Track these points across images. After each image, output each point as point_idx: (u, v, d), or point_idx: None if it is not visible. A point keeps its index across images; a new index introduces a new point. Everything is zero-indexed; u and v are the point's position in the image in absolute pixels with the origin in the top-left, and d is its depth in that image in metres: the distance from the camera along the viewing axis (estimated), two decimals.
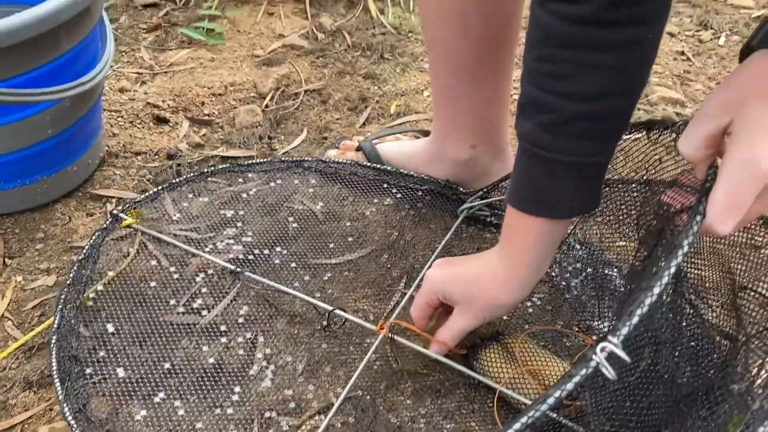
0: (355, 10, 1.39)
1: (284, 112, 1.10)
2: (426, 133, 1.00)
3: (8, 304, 0.78)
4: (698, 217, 0.45)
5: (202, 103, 1.11)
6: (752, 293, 0.58)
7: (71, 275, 0.75)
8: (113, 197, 0.92)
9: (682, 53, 1.27)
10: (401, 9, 1.39)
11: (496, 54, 0.79)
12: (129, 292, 0.76)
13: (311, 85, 1.17)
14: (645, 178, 0.69)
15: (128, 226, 0.81)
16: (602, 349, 0.39)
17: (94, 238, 0.79)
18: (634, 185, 0.70)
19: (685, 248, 0.45)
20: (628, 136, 0.67)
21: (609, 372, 0.38)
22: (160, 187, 0.87)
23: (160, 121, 1.06)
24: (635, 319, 0.40)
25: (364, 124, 1.09)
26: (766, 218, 0.59)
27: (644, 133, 0.64)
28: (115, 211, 0.82)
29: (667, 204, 0.54)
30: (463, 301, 0.64)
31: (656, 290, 0.41)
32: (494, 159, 0.88)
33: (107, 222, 0.82)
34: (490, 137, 0.86)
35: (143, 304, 0.75)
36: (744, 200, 0.44)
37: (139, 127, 1.05)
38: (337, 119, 1.10)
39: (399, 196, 0.89)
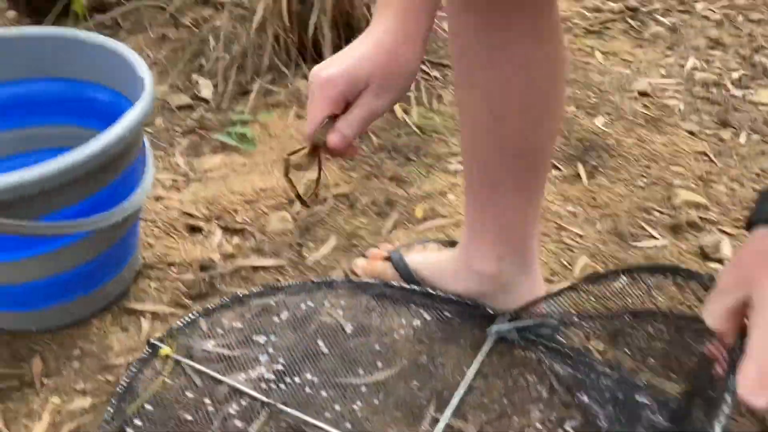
0: None
1: (314, 218, 1.13)
2: (453, 243, 1.02)
3: (46, 428, 0.80)
4: (728, 396, 0.46)
5: (235, 211, 1.14)
6: None
7: (112, 410, 0.77)
8: (147, 311, 0.95)
9: (704, 153, 1.28)
10: (425, 108, 1.43)
11: (532, 169, 0.81)
12: (165, 423, 0.77)
13: (339, 189, 1.20)
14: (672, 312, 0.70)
15: (166, 356, 0.83)
16: None
17: (132, 370, 0.81)
18: (659, 319, 0.71)
19: (723, 421, 0.46)
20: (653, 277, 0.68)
21: None
22: (195, 313, 0.89)
23: (194, 230, 1.09)
24: None
25: (391, 229, 1.12)
26: None
27: (670, 277, 0.65)
28: (152, 341, 0.84)
29: (707, 357, 0.55)
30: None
31: None
32: (521, 273, 0.88)
33: (145, 352, 0.84)
34: (519, 250, 0.87)
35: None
36: None
37: (174, 237, 1.08)
38: (365, 224, 1.13)
39: (427, 317, 0.91)
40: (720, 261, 1.04)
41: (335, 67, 0.69)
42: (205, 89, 1.50)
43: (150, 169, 0.90)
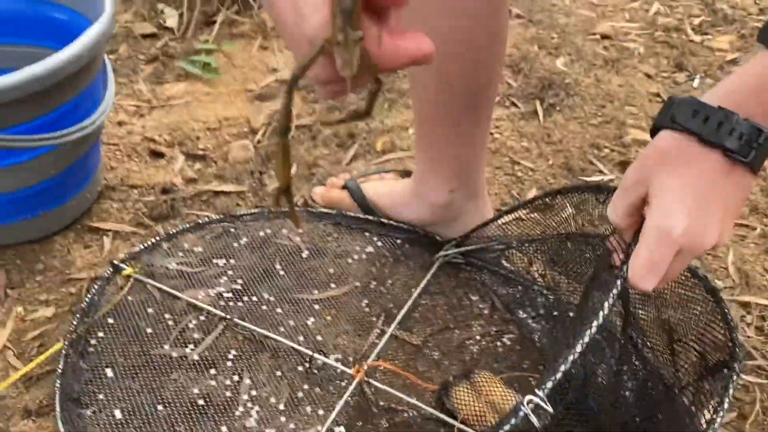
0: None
1: (275, 147, 1.15)
2: (408, 173, 1.06)
3: (9, 335, 0.83)
4: (620, 281, 0.51)
5: (197, 138, 1.16)
6: (685, 344, 0.64)
7: (75, 324, 0.80)
8: (110, 230, 0.98)
9: (657, 95, 1.33)
10: None
11: (476, 104, 0.84)
12: (126, 333, 0.82)
13: (301, 121, 1.22)
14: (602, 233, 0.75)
15: (128, 276, 0.86)
16: (529, 402, 0.45)
17: (95, 288, 0.84)
18: (590, 239, 0.76)
19: (606, 310, 0.51)
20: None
21: (535, 421, 0.45)
22: (157, 238, 0.92)
23: (156, 155, 1.11)
24: (559, 375, 0.46)
25: (351, 160, 1.15)
26: (696, 273, 0.65)
27: (593, 195, 0.70)
28: (115, 262, 0.87)
29: (607, 249, 0.60)
30: None
31: (578, 348, 0.47)
32: (470, 202, 0.93)
33: (107, 272, 0.87)
34: (468, 181, 0.91)
35: (137, 342, 0.81)
36: (661, 261, 0.50)
37: (135, 161, 1.10)
38: (326, 155, 1.16)
39: (380, 244, 0.95)
40: None
41: None
42: (170, 18, 1.49)
43: (111, 89, 0.91)
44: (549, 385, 0.46)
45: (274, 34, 1.45)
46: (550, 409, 0.45)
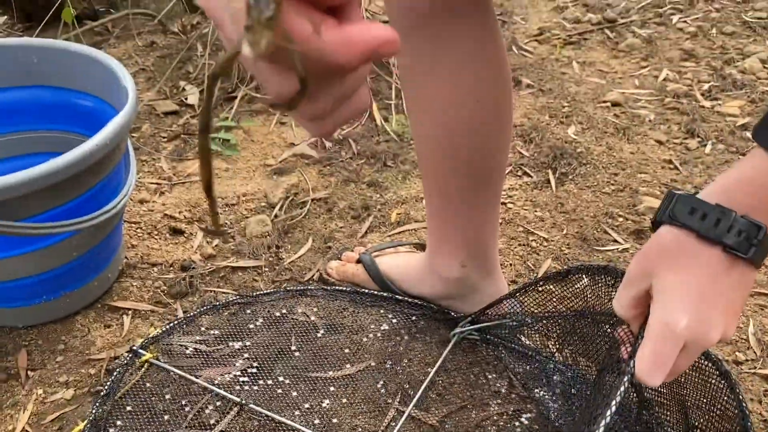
0: (361, 117, 1.48)
1: (292, 222, 1.18)
2: (423, 246, 1.07)
3: (29, 417, 0.84)
4: (626, 378, 0.51)
5: (216, 214, 1.18)
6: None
7: (93, 410, 0.81)
8: (129, 309, 0.99)
9: (670, 162, 1.34)
10: (404, 116, 1.48)
11: (486, 182, 0.85)
12: (143, 419, 0.82)
13: (318, 194, 1.25)
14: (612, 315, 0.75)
15: (146, 361, 0.88)
16: None
17: (115, 374, 0.85)
18: (605, 318, 0.76)
19: (613, 408, 0.51)
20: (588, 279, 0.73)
21: None
22: (175, 322, 0.94)
23: (176, 232, 1.14)
24: None
25: (366, 233, 1.16)
26: (709, 356, 0.65)
27: (603, 277, 0.71)
28: (134, 347, 0.89)
29: (615, 340, 0.60)
30: None
31: None
32: (484, 278, 0.93)
33: (126, 358, 0.88)
34: (480, 256, 0.91)
35: (154, 425, 0.81)
36: (667, 357, 0.51)
37: (156, 239, 1.13)
38: (341, 228, 1.18)
39: (395, 321, 0.96)
40: None
41: None
42: (191, 96, 1.55)
43: (133, 172, 0.94)
44: None
45: None
46: None
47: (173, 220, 1.16)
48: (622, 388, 0.50)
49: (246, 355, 0.91)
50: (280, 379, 0.88)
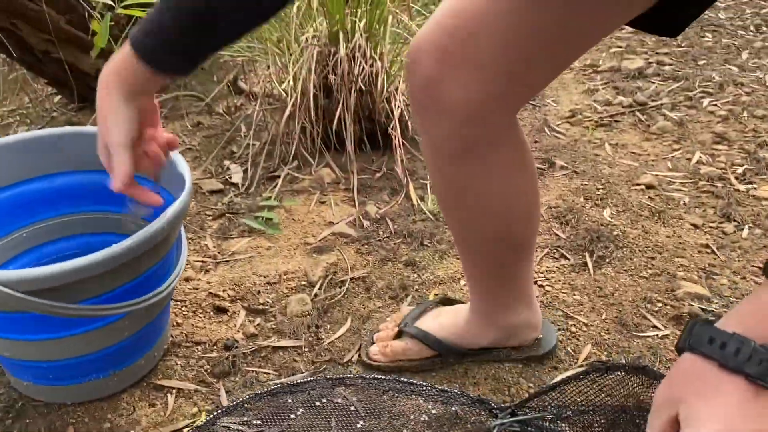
0: (398, 197, 1.52)
1: (331, 301, 1.20)
2: (445, 301, 1.14)
3: None
4: None
5: (258, 292, 1.22)
6: None
7: None
8: (173, 388, 1.01)
9: (707, 246, 1.34)
10: None
11: (530, 246, 0.93)
12: None
13: (356, 273, 1.27)
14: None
15: None
16: None
17: None
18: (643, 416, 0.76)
19: None
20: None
21: None
22: (218, 411, 0.94)
23: (220, 310, 1.17)
24: None
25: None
26: None
27: (640, 377, 0.71)
28: None
29: None
30: None
31: None
32: (529, 313, 1.02)
33: None
34: (527, 298, 1.01)
35: None
36: None
37: (200, 317, 1.16)
38: (379, 308, 1.19)
39: (434, 411, 0.96)
40: None
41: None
42: (236, 175, 1.61)
43: (184, 254, 0.98)
44: None
45: (331, 189, 1.55)
46: None
47: (217, 298, 1.19)
48: None
49: None
50: None
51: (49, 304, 0.80)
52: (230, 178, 1.60)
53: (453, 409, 0.96)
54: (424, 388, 0.98)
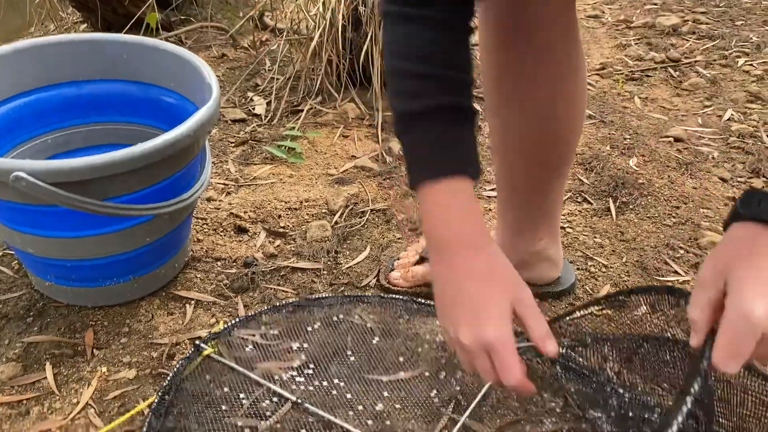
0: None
1: (351, 230, 1.20)
2: None
3: (92, 393, 0.87)
4: (704, 363, 0.51)
5: (279, 216, 1.22)
6: None
7: (156, 401, 0.83)
8: (192, 299, 1.02)
9: (734, 199, 1.32)
10: None
11: (556, 172, 0.92)
12: (201, 409, 0.83)
13: (377, 205, 1.27)
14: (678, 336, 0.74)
15: (208, 356, 0.89)
16: None
17: (177, 366, 0.87)
18: (667, 344, 0.75)
19: (696, 389, 0.51)
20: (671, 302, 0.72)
21: None
22: (237, 319, 0.95)
23: (241, 230, 1.17)
24: None
25: (424, 246, 1.17)
26: None
27: (666, 297, 0.70)
28: (197, 342, 0.91)
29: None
30: None
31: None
32: (553, 245, 1.01)
33: (190, 351, 0.90)
34: (553, 227, 1.00)
35: (212, 410, 0.82)
36: (744, 346, 0.50)
37: (221, 235, 1.16)
38: (399, 239, 1.19)
39: None
40: None
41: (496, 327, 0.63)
42: (259, 106, 1.60)
43: (208, 168, 0.98)
44: None
45: (355, 124, 1.53)
46: None
47: (238, 219, 1.20)
48: (699, 379, 0.50)
49: (303, 356, 0.92)
50: (335, 381, 0.89)
51: (77, 199, 0.80)
52: (253, 109, 1.59)
53: None
54: None
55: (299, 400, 0.84)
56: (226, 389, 0.87)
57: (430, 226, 0.65)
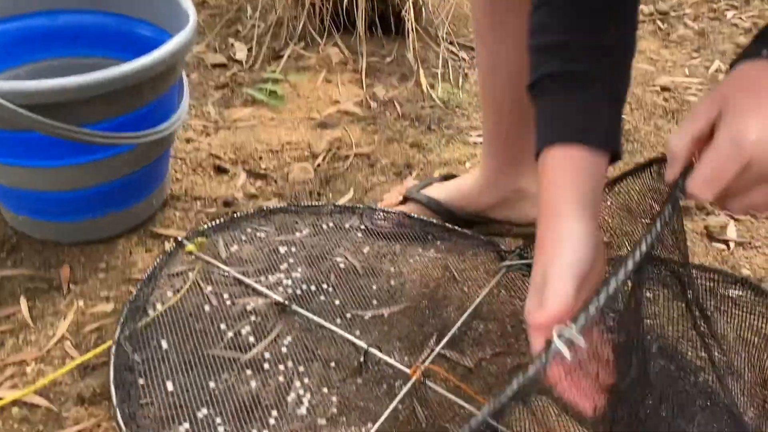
0: (408, 82, 1.48)
1: (334, 172, 1.18)
2: (447, 177, 1.10)
3: (69, 326, 0.85)
4: (678, 192, 0.47)
5: (260, 158, 1.19)
6: None
7: (134, 293, 0.82)
8: (171, 236, 1.00)
9: None
10: (450, 85, 1.48)
11: None
12: (183, 315, 0.82)
13: (361, 149, 1.25)
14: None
15: (190, 252, 0.88)
16: (560, 336, 0.43)
17: (157, 260, 0.86)
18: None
19: (667, 216, 0.47)
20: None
21: (566, 353, 0.42)
22: (222, 220, 0.94)
23: (220, 171, 1.14)
24: (592, 310, 0.43)
25: None
26: None
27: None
28: (179, 238, 0.89)
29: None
30: None
31: (621, 276, 0.44)
32: (534, 184, 0.97)
33: (171, 247, 0.88)
34: (531, 166, 0.95)
35: (194, 331, 0.81)
36: (726, 171, 0.45)
37: (200, 175, 1.13)
38: (383, 182, 1.17)
39: (443, 247, 0.95)
40: (725, 242, 1.07)
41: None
42: (240, 52, 1.56)
43: (185, 100, 0.95)
44: (582, 320, 0.42)
45: (339, 69, 1.50)
46: (582, 343, 0.42)
47: (218, 159, 1.17)
48: (674, 202, 0.46)
49: (291, 260, 0.91)
50: (324, 286, 0.88)
51: (48, 123, 0.77)
52: (234, 54, 1.55)
53: (461, 248, 0.95)
54: (434, 226, 0.98)
55: (286, 302, 0.84)
56: (209, 289, 0.86)
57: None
